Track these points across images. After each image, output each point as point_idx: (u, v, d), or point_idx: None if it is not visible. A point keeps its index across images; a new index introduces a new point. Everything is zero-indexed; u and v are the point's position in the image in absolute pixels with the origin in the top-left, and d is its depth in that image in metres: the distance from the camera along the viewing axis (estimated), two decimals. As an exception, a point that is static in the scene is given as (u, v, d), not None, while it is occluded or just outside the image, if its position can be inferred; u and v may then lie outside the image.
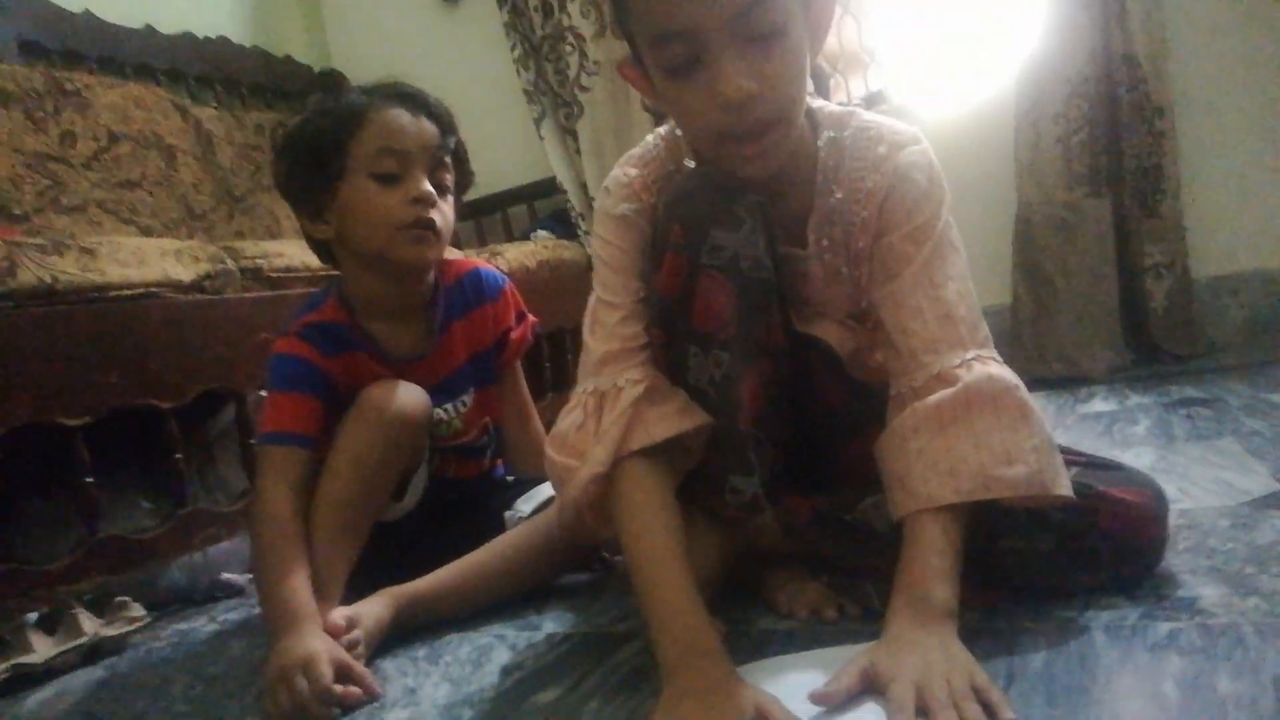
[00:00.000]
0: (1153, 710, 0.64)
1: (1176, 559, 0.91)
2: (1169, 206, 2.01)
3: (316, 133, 1.19)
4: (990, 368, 0.86)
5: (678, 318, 0.91)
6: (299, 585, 1.01)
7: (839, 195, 0.95)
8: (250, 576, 1.51)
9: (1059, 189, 2.04)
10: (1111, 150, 2.04)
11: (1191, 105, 2.03)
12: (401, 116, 1.18)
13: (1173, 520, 0.90)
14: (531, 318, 1.39)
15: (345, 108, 1.19)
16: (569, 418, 0.95)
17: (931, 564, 0.78)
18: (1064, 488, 0.82)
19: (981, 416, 0.82)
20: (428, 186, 1.18)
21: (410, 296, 1.25)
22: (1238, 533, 0.96)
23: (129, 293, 1.33)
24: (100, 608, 1.31)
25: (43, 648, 1.21)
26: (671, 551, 0.85)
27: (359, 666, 0.95)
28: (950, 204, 0.94)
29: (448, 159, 1.23)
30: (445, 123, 1.22)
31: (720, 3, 0.80)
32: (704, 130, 0.86)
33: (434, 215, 1.18)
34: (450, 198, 1.24)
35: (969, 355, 0.86)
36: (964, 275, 0.91)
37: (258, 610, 1.35)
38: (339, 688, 0.91)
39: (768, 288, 0.93)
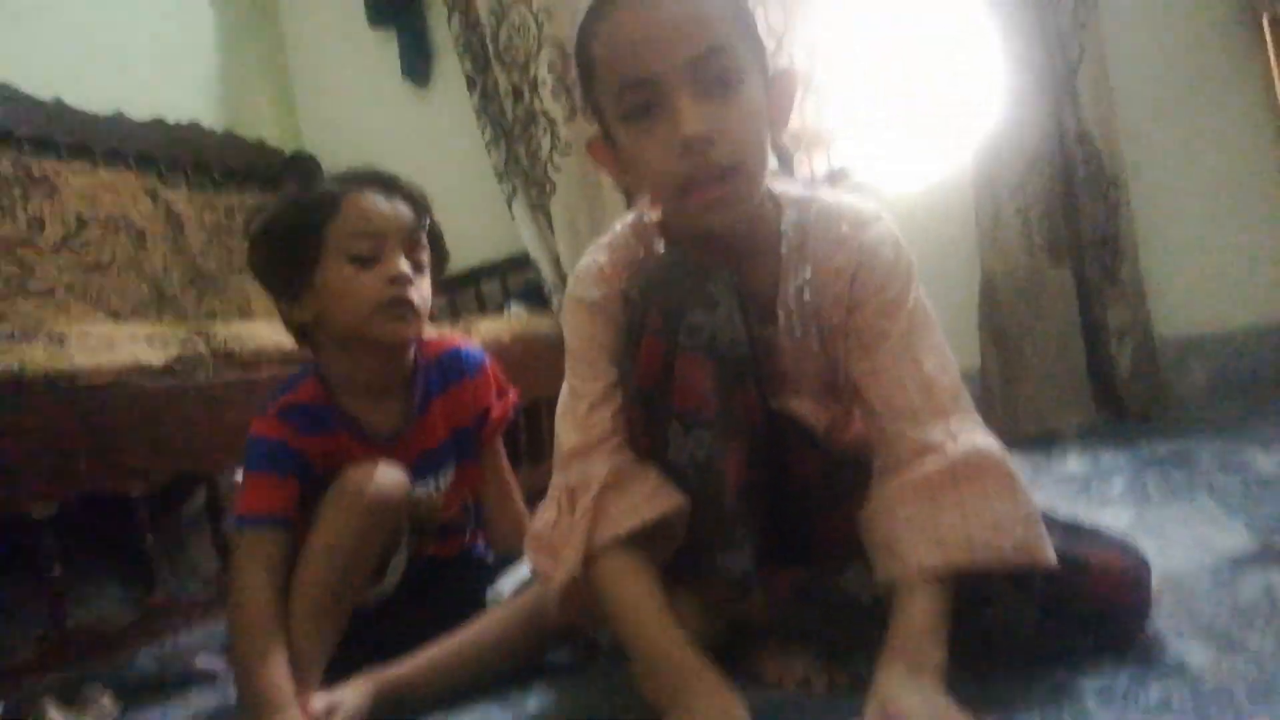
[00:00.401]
0: (1151, 776, 0.63)
1: (1162, 620, 0.91)
2: (1129, 271, 2.06)
3: (292, 220, 1.20)
4: (976, 437, 0.87)
5: (657, 399, 0.91)
6: (277, 671, 0.99)
7: (806, 273, 0.97)
8: (225, 663, 1.47)
9: (1021, 258, 2.09)
10: (1070, 220, 2.10)
11: (1144, 173, 2.10)
12: (376, 200, 1.20)
13: (1155, 581, 0.91)
14: (512, 393, 1.39)
15: (320, 194, 1.21)
16: (544, 515, 0.97)
17: (921, 625, 0.79)
18: (1049, 557, 0.83)
19: (970, 488, 0.84)
20: (405, 265, 1.19)
21: (390, 375, 1.25)
22: (1220, 592, 0.97)
23: (99, 380, 1.32)
24: (70, 698, 1.26)
25: (5, 747, 1.16)
26: (655, 612, 0.87)
27: None
28: (917, 275, 0.96)
29: (423, 239, 1.24)
30: (420, 204, 1.24)
31: (677, 48, 0.85)
32: (666, 179, 0.89)
33: (411, 294, 1.19)
34: (427, 275, 1.25)
35: (951, 425, 0.88)
36: (941, 345, 0.94)
37: (233, 698, 1.30)
38: None
39: (745, 364, 0.94)
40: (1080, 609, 0.85)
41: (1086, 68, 2.02)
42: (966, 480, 0.84)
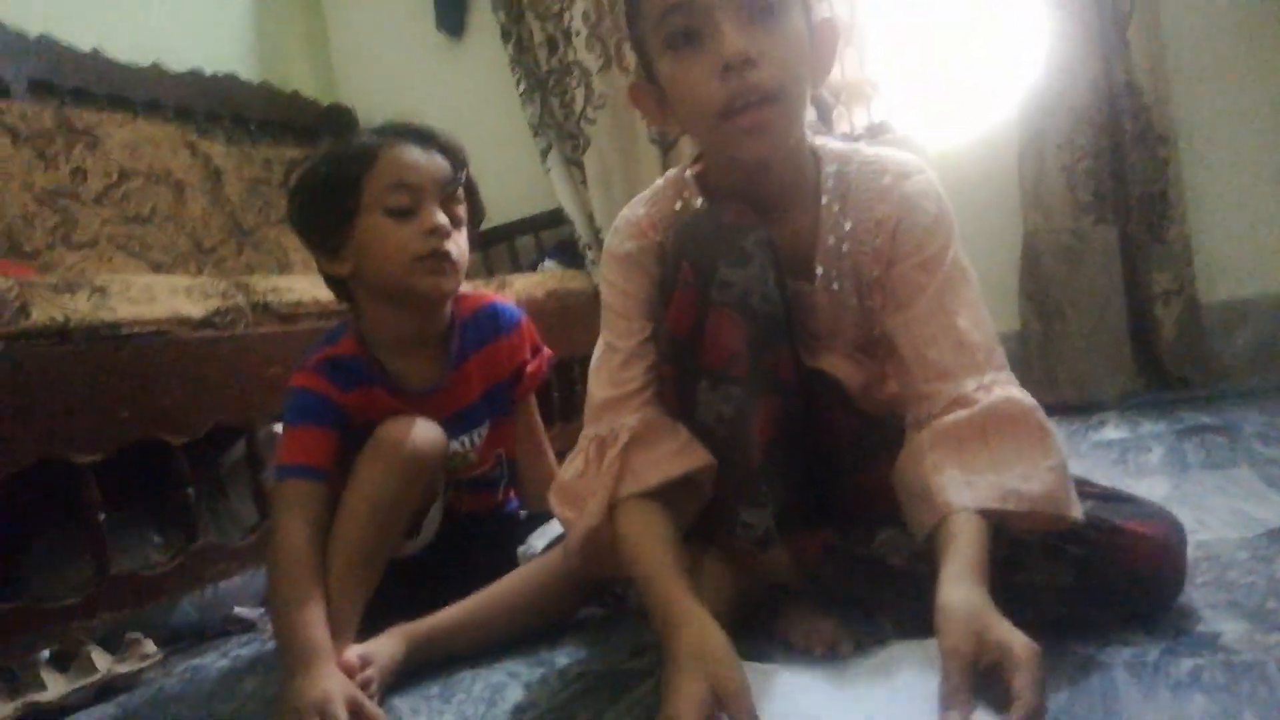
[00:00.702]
0: (1178, 750, 0.63)
1: (1195, 592, 0.90)
2: (1176, 232, 2.01)
3: (330, 173, 1.20)
4: (1009, 390, 0.87)
5: (687, 354, 0.92)
6: (314, 621, 1.01)
7: (847, 227, 0.96)
8: (263, 611, 1.51)
9: (1065, 216, 2.05)
10: (1116, 177, 2.04)
11: (1194, 132, 2.03)
12: (413, 152, 1.20)
13: (1190, 552, 0.90)
14: (547, 350, 1.39)
15: (357, 147, 1.20)
16: (572, 465, 0.98)
17: (974, 553, 0.77)
18: (1076, 512, 0.82)
19: (999, 437, 0.84)
20: (442, 218, 1.19)
21: (427, 330, 1.26)
22: (1257, 565, 0.95)
23: (140, 330, 1.34)
24: (113, 645, 1.31)
25: (55, 685, 1.21)
26: (663, 557, 0.87)
27: (372, 706, 0.94)
28: (957, 231, 0.95)
29: (460, 192, 1.24)
30: (456, 157, 1.23)
31: None
32: (707, 104, 0.88)
33: (449, 247, 1.19)
34: (464, 229, 1.25)
35: (985, 379, 0.88)
36: (977, 302, 0.93)
37: (271, 645, 1.34)
38: None
39: (777, 322, 0.93)
40: (1113, 577, 0.84)
41: (1138, 19, 1.96)
42: (996, 429, 0.84)
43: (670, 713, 0.72)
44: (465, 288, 1.32)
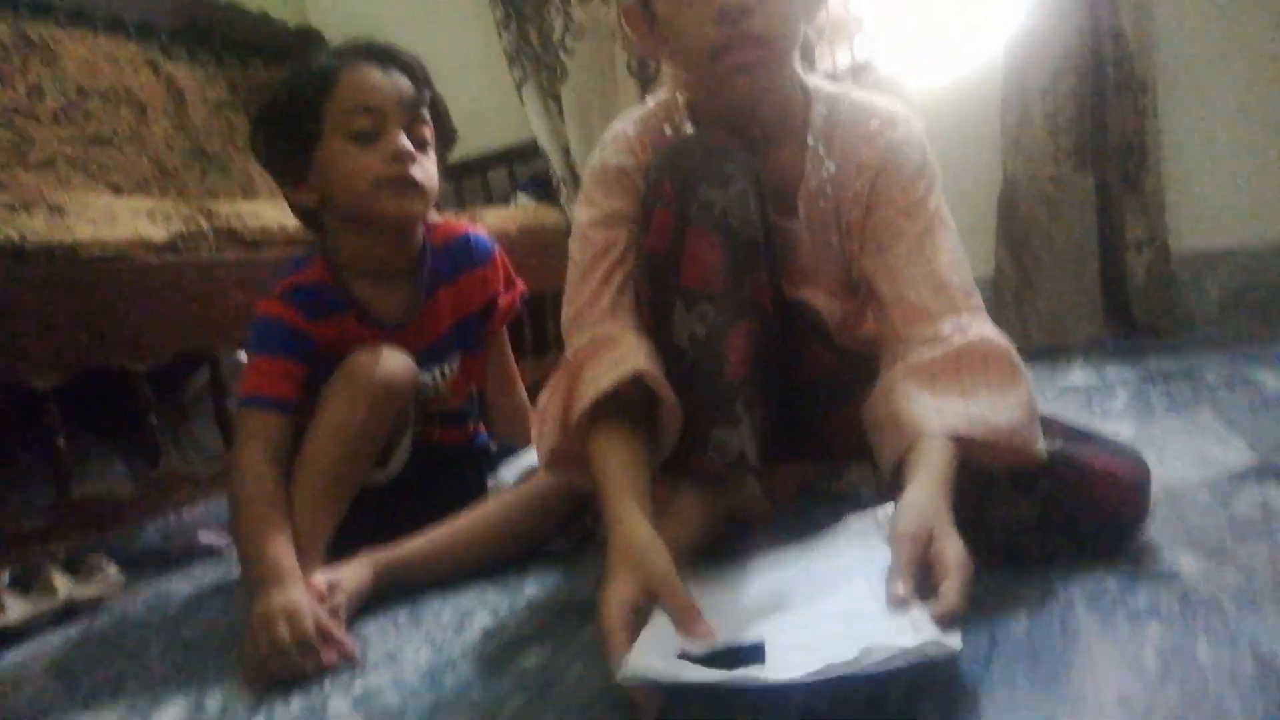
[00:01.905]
0: (1133, 679, 0.64)
1: (1156, 531, 0.92)
2: (1151, 181, 2.01)
3: (288, 98, 1.17)
4: (984, 330, 0.88)
5: (664, 274, 0.92)
6: (280, 547, 1.00)
7: (831, 167, 0.96)
8: (227, 539, 1.50)
9: (1045, 163, 2.04)
10: (1097, 125, 2.04)
11: (1175, 82, 2.02)
12: (373, 73, 1.16)
13: (1153, 492, 0.91)
14: (520, 284, 1.37)
15: (315, 70, 1.16)
16: (546, 391, 0.98)
17: (937, 466, 0.78)
18: (1041, 451, 0.83)
19: (971, 373, 0.85)
20: (405, 142, 1.16)
21: (397, 258, 1.23)
22: (1216, 505, 0.97)
23: (100, 253, 1.30)
24: (75, 568, 1.30)
25: (17, 608, 1.20)
26: (618, 473, 0.86)
27: (338, 630, 0.94)
28: (939, 180, 0.96)
29: (425, 112, 1.20)
30: (419, 76, 1.20)
31: None
32: (698, 46, 0.90)
33: (414, 170, 1.16)
34: (431, 153, 1.21)
35: (962, 320, 0.89)
36: (956, 247, 0.94)
37: (236, 572, 1.33)
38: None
39: (756, 246, 0.93)
40: (1078, 513, 0.85)
41: (1129, -36, 1.93)
42: (969, 366, 0.85)
43: (601, 602, 0.73)
44: (437, 217, 1.29)
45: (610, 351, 0.92)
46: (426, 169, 1.19)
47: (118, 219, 1.35)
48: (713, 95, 0.96)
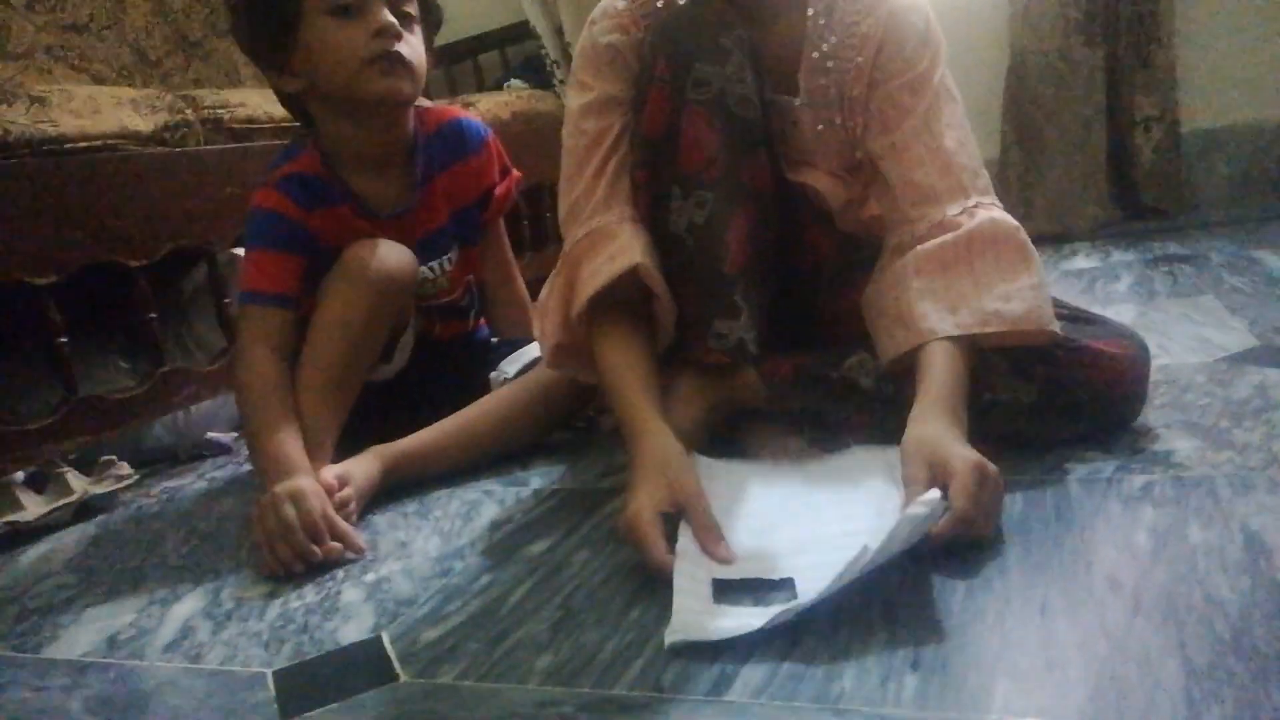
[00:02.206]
0: (1125, 559, 0.66)
1: (1153, 414, 0.93)
2: (1162, 56, 1.95)
3: None
4: (993, 213, 0.87)
5: (663, 158, 0.90)
6: (289, 441, 1.01)
7: (832, 40, 0.93)
8: (236, 435, 1.52)
9: (1054, 36, 1.97)
10: (1108, -5, 1.96)
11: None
12: None
13: (1151, 375, 0.92)
14: (515, 172, 1.34)
15: None
16: (546, 286, 0.99)
17: (949, 380, 0.79)
18: (1055, 328, 0.84)
19: (983, 258, 0.84)
20: (389, 16, 1.10)
21: (390, 144, 1.20)
22: (1214, 388, 0.98)
23: (86, 144, 1.27)
24: (87, 467, 1.32)
25: (33, 505, 1.22)
26: (626, 371, 0.89)
27: (343, 524, 0.96)
28: (945, 52, 0.93)
29: None
30: None
31: None
32: None
33: (401, 48, 1.11)
34: (417, 30, 1.16)
35: (970, 202, 0.87)
36: (963, 124, 0.92)
37: (246, 468, 1.36)
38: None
39: (754, 127, 0.91)
40: (1077, 394, 0.86)
41: None
42: (980, 252, 0.85)
43: (634, 508, 0.76)
44: (430, 104, 1.26)
45: (606, 245, 0.91)
46: (414, 46, 1.14)
47: (101, 110, 1.32)
48: None
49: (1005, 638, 0.59)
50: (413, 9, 1.16)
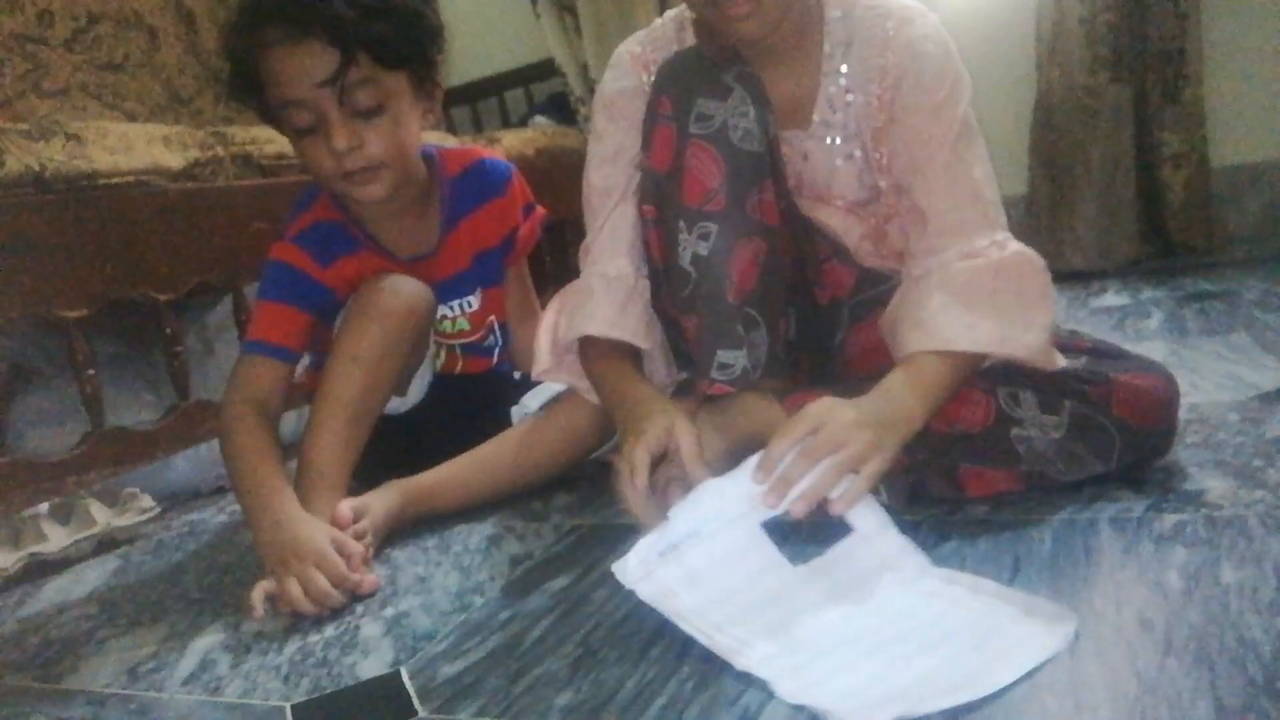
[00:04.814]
0: (1156, 599, 0.64)
1: (1184, 452, 0.91)
2: (1190, 93, 1.94)
3: (234, 87, 1.11)
4: (1022, 247, 0.89)
5: (668, 193, 0.91)
6: (280, 491, 0.99)
7: (847, 70, 0.95)
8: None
9: (1081, 73, 1.97)
10: (1135, 33, 1.96)
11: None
12: (283, 59, 1.03)
13: (1182, 414, 0.90)
14: (539, 209, 1.35)
15: (237, 53, 1.08)
16: (552, 307, 1.08)
17: (919, 380, 0.82)
18: (1058, 364, 0.87)
19: (1007, 289, 0.86)
20: (340, 141, 1.04)
21: (405, 198, 1.19)
22: (1246, 426, 0.96)
23: (119, 180, 1.30)
24: (110, 499, 1.33)
25: (57, 537, 1.23)
26: (617, 371, 0.97)
27: (353, 544, 0.95)
28: (968, 82, 0.93)
29: (364, 71, 1.04)
30: (340, 32, 1.01)
31: None
32: None
33: (363, 161, 1.07)
34: (379, 120, 1.07)
35: (998, 236, 0.89)
36: (985, 158, 0.92)
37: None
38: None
39: (758, 160, 0.91)
40: (1106, 429, 0.84)
41: None
42: (1005, 282, 0.86)
43: (625, 450, 0.83)
44: (454, 141, 1.27)
45: (584, 303, 0.99)
46: (382, 138, 1.07)
47: (134, 146, 1.34)
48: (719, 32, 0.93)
49: (1034, 679, 0.57)
50: (371, 91, 1.06)
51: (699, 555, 0.73)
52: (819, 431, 0.75)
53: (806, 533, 0.77)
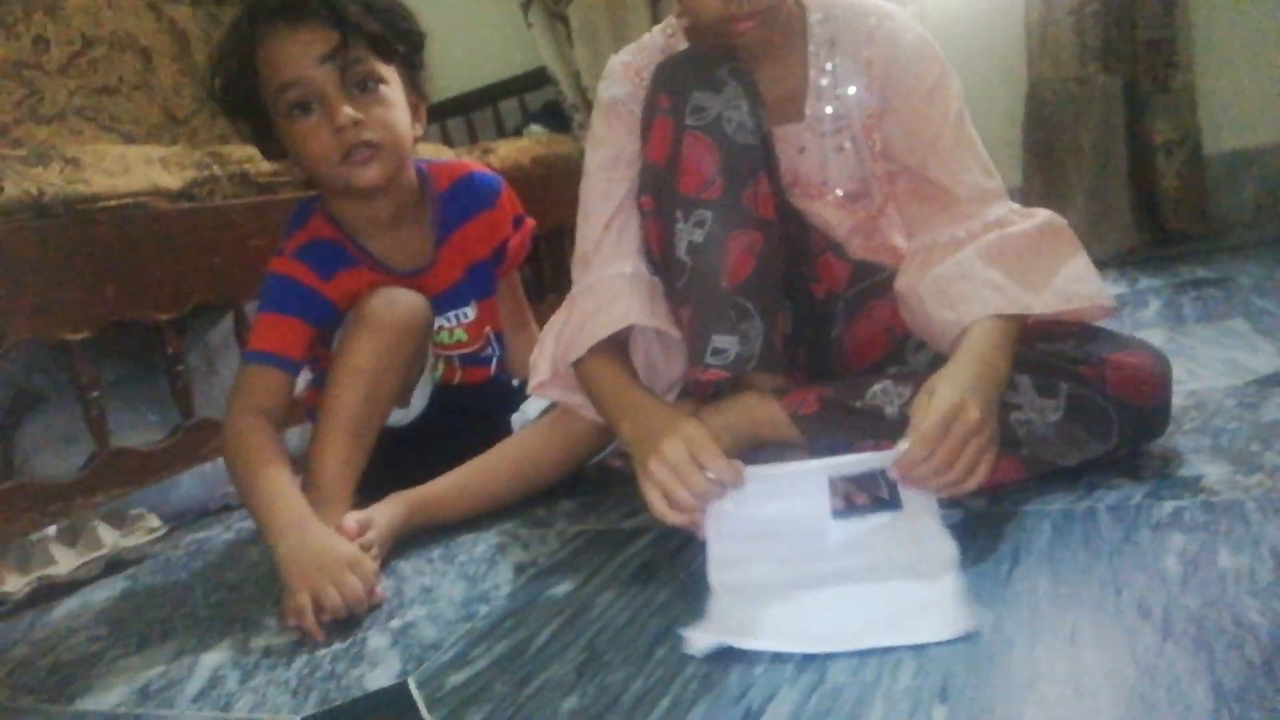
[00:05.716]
0: (1154, 585, 0.65)
1: (1182, 438, 0.91)
2: (1181, 80, 1.95)
3: (226, 86, 1.12)
4: (1044, 211, 0.93)
5: (665, 184, 0.93)
6: (290, 495, 1.00)
7: (834, 66, 0.97)
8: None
9: (1071, 64, 1.98)
10: (1123, 22, 1.96)
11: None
12: (284, 42, 1.06)
13: (1180, 401, 0.91)
14: (529, 221, 1.36)
15: (233, 50, 1.10)
16: (549, 324, 1.05)
17: (991, 341, 0.83)
18: (1113, 303, 0.91)
19: (1051, 249, 0.90)
20: (344, 112, 1.06)
21: (397, 207, 1.21)
22: (1243, 411, 0.96)
23: (117, 203, 1.31)
24: (118, 520, 1.33)
25: (65, 559, 1.24)
26: (616, 380, 0.95)
27: (367, 560, 0.95)
28: (957, 78, 0.96)
29: (360, 52, 1.08)
30: (338, 13, 1.06)
31: None
32: (704, 10, 0.90)
33: (365, 135, 1.09)
34: (384, 89, 1.11)
35: (1015, 205, 0.93)
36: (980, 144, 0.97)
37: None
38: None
39: (752, 153, 0.93)
40: (1103, 408, 0.85)
41: None
42: (1048, 242, 0.90)
43: (668, 448, 0.81)
44: (447, 155, 1.28)
45: (601, 302, 0.97)
46: (381, 118, 1.10)
47: (132, 168, 1.36)
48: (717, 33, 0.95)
49: (1034, 666, 0.58)
50: (372, 69, 1.10)
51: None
52: (951, 429, 0.76)
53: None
